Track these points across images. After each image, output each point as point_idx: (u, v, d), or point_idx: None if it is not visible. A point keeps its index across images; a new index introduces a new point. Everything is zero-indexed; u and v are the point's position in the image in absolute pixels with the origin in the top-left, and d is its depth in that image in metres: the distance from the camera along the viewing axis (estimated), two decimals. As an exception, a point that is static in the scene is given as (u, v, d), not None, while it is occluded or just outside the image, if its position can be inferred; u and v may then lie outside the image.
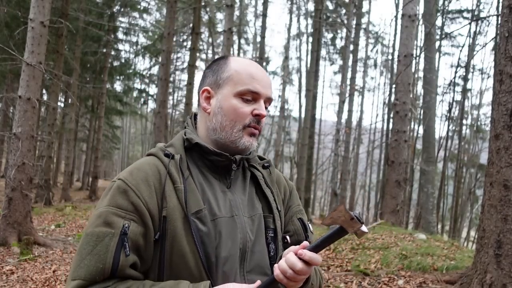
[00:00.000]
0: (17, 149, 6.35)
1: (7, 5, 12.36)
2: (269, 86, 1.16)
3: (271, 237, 1.14)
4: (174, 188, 1.04)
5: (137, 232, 0.98)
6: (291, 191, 1.31)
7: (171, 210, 1.01)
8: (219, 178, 1.13)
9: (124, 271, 0.96)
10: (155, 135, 11.08)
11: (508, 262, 3.44)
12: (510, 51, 3.53)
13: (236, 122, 1.10)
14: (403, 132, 8.76)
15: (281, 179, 1.31)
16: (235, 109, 1.11)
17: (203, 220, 1.03)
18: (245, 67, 1.15)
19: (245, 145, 1.11)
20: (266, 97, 1.15)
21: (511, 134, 3.50)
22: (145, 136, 36.47)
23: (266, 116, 1.15)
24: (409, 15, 8.72)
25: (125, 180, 1.03)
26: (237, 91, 1.11)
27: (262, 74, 1.16)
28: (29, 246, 6.21)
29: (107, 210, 0.99)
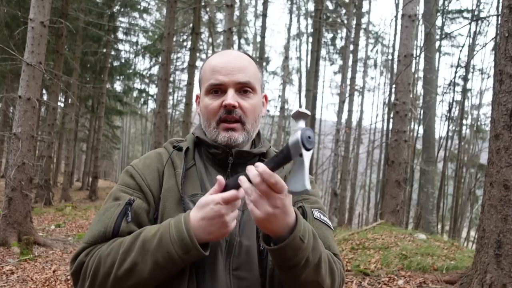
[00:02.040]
0: (17, 149, 6.35)
1: (7, 5, 12.36)
2: (238, 70, 1.08)
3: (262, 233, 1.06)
4: (174, 173, 1.09)
5: (141, 206, 1.04)
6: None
7: (165, 191, 1.06)
8: (221, 170, 1.12)
9: (124, 236, 0.99)
10: (155, 135, 11.08)
11: (508, 262, 3.44)
12: (510, 51, 3.53)
13: (210, 120, 1.10)
14: (403, 132, 8.76)
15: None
16: (205, 107, 1.10)
17: (195, 202, 1.03)
18: (209, 62, 1.13)
19: (223, 141, 1.07)
20: (234, 83, 1.08)
21: (511, 134, 3.50)
22: (145, 136, 36.45)
23: (234, 103, 1.07)
24: (409, 15, 8.72)
25: (133, 165, 1.14)
26: (204, 90, 1.11)
27: (227, 60, 1.10)
28: (29, 246, 6.21)
29: (116, 189, 1.10)
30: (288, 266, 0.90)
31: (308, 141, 0.76)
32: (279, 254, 0.89)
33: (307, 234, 0.90)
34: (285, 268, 0.91)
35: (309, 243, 0.90)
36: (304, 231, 0.89)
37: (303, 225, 0.90)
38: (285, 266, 0.91)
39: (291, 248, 0.87)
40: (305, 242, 0.88)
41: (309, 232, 0.91)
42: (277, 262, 0.92)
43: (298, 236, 0.87)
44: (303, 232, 0.89)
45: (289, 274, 0.93)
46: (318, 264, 0.93)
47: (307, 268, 0.92)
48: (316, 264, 0.93)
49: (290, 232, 0.88)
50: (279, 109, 25.86)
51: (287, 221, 0.87)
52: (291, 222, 0.87)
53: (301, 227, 0.88)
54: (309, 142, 0.76)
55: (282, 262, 0.90)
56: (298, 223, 0.88)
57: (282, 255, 0.89)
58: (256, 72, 1.14)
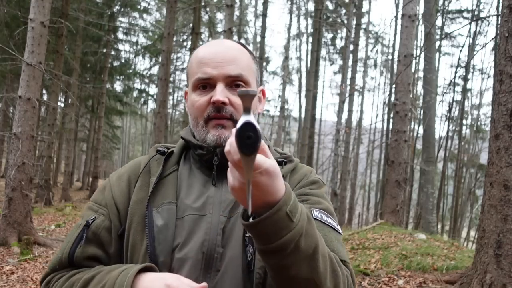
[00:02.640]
0: (17, 149, 6.35)
1: (7, 5, 12.36)
2: (228, 61, 0.95)
3: (249, 238, 0.89)
4: (149, 182, 0.99)
5: (100, 226, 0.96)
6: (306, 183, 1.03)
7: (134, 204, 0.97)
8: (207, 173, 1.00)
9: (81, 262, 0.94)
10: (155, 135, 11.08)
11: (508, 262, 3.44)
12: (510, 51, 3.53)
13: (198, 118, 0.98)
14: (403, 132, 8.77)
15: (300, 176, 1.05)
16: (193, 104, 0.98)
17: (162, 214, 0.93)
18: (196, 53, 1.01)
19: (213, 140, 0.94)
20: (223, 76, 0.95)
21: (511, 134, 3.50)
22: (145, 136, 36.47)
23: (224, 100, 0.93)
24: (409, 15, 8.72)
25: (110, 177, 1.07)
26: (192, 85, 0.99)
27: (215, 50, 0.98)
28: (29, 246, 6.21)
29: (87, 205, 1.04)
30: (272, 250, 0.71)
31: (246, 144, 0.59)
32: (258, 231, 0.70)
33: (298, 213, 0.72)
34: (269, 255, 0.73)
35: (300, 225, 0.71)
36: (293, 207, 0.71)
37: (294, 201, 0.72)
38: (268, 252, 0.72)
39: (273, 223, 0.69)
40: (293, 220, 0.70)
41: (302, 213, 0.73)
42: (258, 245, 0.73)
43: (284, 211, 0.69)
44: (292, 208, 0.70)
45: (276, 265, 0.74)
46: (312, 255, 0.74)
47: (298, 257, 0.73)
48: (310, 254, 0.74)
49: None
50: (279, 109, 25.88)
51: (265, 199, 0.69)
52: (271, 200, 0.69)
53: (289, 201, 0.70)
54: (246, 146, 0.59)
55: (264, 243, 0.71)
56: (285, 196, 0.70)
57: (262, 232, 0.70)
58: (250, 63, 1.01)
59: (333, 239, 0.92)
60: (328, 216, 0.96)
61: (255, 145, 0.59)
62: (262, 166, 0.64)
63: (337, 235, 0.95)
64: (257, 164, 0.64)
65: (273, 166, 0.66)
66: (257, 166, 0.64)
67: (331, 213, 0.97)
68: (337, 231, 0.95)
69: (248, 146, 0.59)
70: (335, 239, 0.92)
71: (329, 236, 0.91)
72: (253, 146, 0.59)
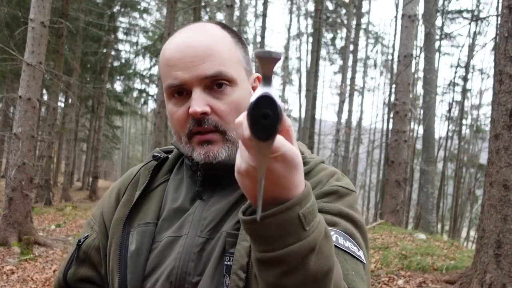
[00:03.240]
0: (17, 149, 6.36)
1: (8, 5, 12.37)
2: (201, 58, 0.75)
3: (227, 267, 0.72)
4: (134, 196, 0.87)
5: (91, 245, 0.89)
6: (318, 195, 0.77)
7: (114, 224, 0.85)
8: (193, 186, 0.85)
9: (74, 284, 0.89)
10: (155, 135, 11.09)
11: (508, 262, 3.44)
12: (510, 51, 3.54)
13: (179, 133, 0.81)
14: (403, 132, 8.77)
15: (312, 184, 0.78)
16: (171, 116, 0.81)
17: (136, 237, 0.81)
18: (162, 53, 0.81)
19: (200, 159, 0.77)
20: (198, 79, 0.75)
21: (510, 134, 3.51)
22: (145, 136, 36.46)
23: (203, 109, 0.75)
24: (409, 15, 8.73)
25: (109, 188, 0.99)
26: (165, 92, 0.81)
27: (183, 46, 0.77)
28: (29, 246, 6.22)
29: (87, 219, 0.96)
30: (271, 261, 0.54)
31: (261, 126, 0.43)
32: (258, 231, 0.53)
33: (314, 222, 0.54)
34: (267, 267, 0.55)
35: (314, 237, 0.54)
36: (309, 212, 0.54)
37: (311, 206, 0.54)
38: (267, 262, 0.54)
39: (279, 224, 0.52)
40: (306, 228, 0.53)
41: (320, 224, 0.55)
42: (256, 251, 0.55)
43: (296, 212, 0.52)
44: (307, 213, 0.53)
45: (272, 284, 0.55)
46: (323, 281, 0.55)
47: (302, 279, 0.54)
48: (319, 280, 0.54)
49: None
50: (279, 109, 25.80)
51: (275, 194, 0.52)
52: (283, 196, 0.52)
53: (305, 203, 0.53)
54: (262, 128, 0.43)
55: (263, 249, 0.54)
56: (302, 195, 0.53)
57: (262, 233, 0.53)
58: (233, 52, 0.79)
59: (349, 270, 0.67)
60: (347, 239, 0.71)
61: (273, 127, 0.43)
62: (279, 150, 0.49)
63: (357, 265, 0.69)
64: (273, 145, 0.48)
65: (293, 153, 0.51)
66: (272, 149, 0.48)
67: (351, 235, 0.72)
68: (357, 259, 0.70)
69: (263, 128, 0.43)
70: (353, 271, 0.68)
71: (345, 265, 0.67)
72: (270, 129, 0.43)
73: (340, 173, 0.85)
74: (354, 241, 0.72)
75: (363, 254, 0.72)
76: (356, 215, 0.75)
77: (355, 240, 0.72)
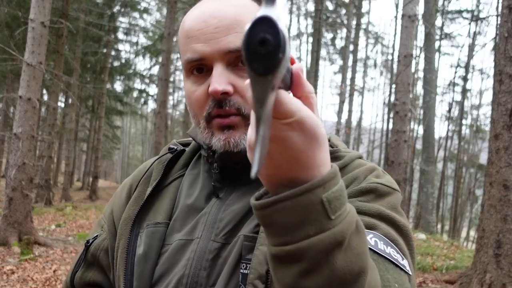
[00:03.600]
0: (17, 149, 6.36)
1: (8, 6, 12.37)
2: (225, 28, 0.65)
3: (243, 276, 0.62)
4: (145, 193, 0.79)
5: (99, 247, 0.81)
6: (353, 193, 0.66)
7: (123, 224, 0.77)
8: (210, 180, 0.76)
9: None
10: (155, 135, 11.09)
11: (508, 262, 3.45)
12: (510, 51, 3.54)
13: (198, 116, 0.71)
14: (403, 132, 8.78)
15: (347, 181, 0.68)
16: (189, 97, 0.71)
17: (145, 239, 0.73)
18: (182, 24, 0.72)
19: (219, 146, 0.67)
20: (221, 53, 0.65)
21: (510, 134, 3.51)
22: (145, 136, 36.48)
23: (224, 88, 0.64)
24: (409, 15, 8.73)
25: (121, 184, 0.90)
26: (184, 69, 0.71)
27: (206, 16, 0.67)
28: (29, 246, 6.22)
29: (99, 218, 0.89)
30: (287, 256, 0.44)
31: (258, 54, 0.33)
32: (271, 219, 0.43)
33: (342, 211, 0.44)
34: (283, 264, 0.45)
35: (341, 229, 0.43)
36: (336, 198, 0.43)
37: (339, 191, 0.44)
38: (282, 258, 0.44)
39: (297, 209, 0.42)
40: (331, 217, 0.43)
41: (350, 215, 0.45)
42: (270, 245, 0.45)
43: (319, 196, 0.42)
44: (333, 199, 0.43)
45: (290, 286, 0.45)
46: (353, 282, 0.44)
47: (327, 281, 0.43)
48: (348, 283, 0.44)
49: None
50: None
51: (292, 173, 0.42)
52: (302, 176, 0.42)
53: (330, 186, 0.43)
54: (258, 57, 0.33)
55: (277, 241, 0.44)
56: (326, 176, 0.43)
57: (276, 221, 0.43)
58: None
59: (391, 282, 0.55)
60: (388, 244, 0.58)
61: (273, 56, 0.33)
62: (295, 115, 0.39)
63: (401, 276, 0.57)
64: (287, 108, 0.39)
65: (314, 121, 0.41)
66: (285, 111, 0.39)
67: (393, 240, 0.60)
68: (401, 268, 0.57)
69: (260, 58, 0.33)
70: (395, 283, 0.55)
71: (386, 276, 0.55)
72: (269, 58, 0.33)
73: (381, 169, 0.73)
74: (397, 248, 0.59)
75: (408, 264, 0.59)
76: (400, 218, 0.63)
77: (398, 247, 0.59)
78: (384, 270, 0.55)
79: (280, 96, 0.38)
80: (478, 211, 16.20)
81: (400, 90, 8.82)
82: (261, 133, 0.36)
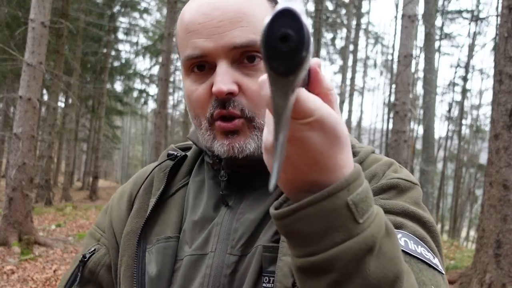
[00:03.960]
0: (17, 149, 6.36)
1: (8, 6, 12.37)
2: (229, 22, 0.59)
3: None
4: (147, 204, 0.73)
5: (99, 262, 0.73)
6: (375, 190, 0.62)
7: (125, 238, 0.70)
8: (217, 189, 0.70)
9: None
10: (155, 135, 11.10)
11: (508, 262, 3.45)
12: (510, 51, 3.55)
13: (199, 118, 0.65)
14: (403, 132, 8.78)
15: (366, 178, 0.63)
16: (189, 97, 0.65)
17: (156, 257, 0.66)
18: (181, 17, 0.65)
19: (222, 152, 0.62)
20: (225, 50, 0.59)
21: (510, 134, 3.52)
22: (145, 136, 36.49)
23: (228, 88, 0.59)
24: (409, 15, 8.74)
25: (116, 192, 0.81)
26: (183, 67, 0.65)
27: (208, 8, 0.61)
28: (29, 245, 6.23)
29: (89, 230, 0.80)
30: (314, 267, 0.40)
31: (279, 52, 0.29)
32: (294, 229, 0.40)
33: (369, 214, 0.41)
34: (310, 277, 0.41)
35: (371, 232, 0.40)
36: (362, 200, 0.40)
37: (364, 191, 0.41)
38: (309, 270, 0.41)
39: (322, 216, 0.39)
40: (359, 221, 0.39)
41: (378, 217, 0.42)
42: (294, 256, 0.42)
43: (344, 200, 0.39)
44: (359, 201, 0.40)
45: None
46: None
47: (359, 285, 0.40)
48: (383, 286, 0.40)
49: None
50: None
51: (313, 177, 0.40)
52: (324, 179, 0.40)
53: (355, 188, 0.40)
54: (279, 55, 0.29)
55: (302, 252, 0.41)
56: (350, 177, 0.40)
57: (300, 231, 0.40)
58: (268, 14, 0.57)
59: (427, 284, 0.52)
60: (419, 244, 0.55)
61: (296, 54, 0.29)
62: (314, 114, 0.36)
63: (435, 276, 0.54)
64: (305, 107, 0.35)
65: (335, 120, 0.38)
66: (304, 110, 0.35)
67: (422, 238, 0.57)
68: (434, 268, 0.54)
69: (282, 56, 0.29)
70: (432, 285, 0.52)
71: (421, 278, 0.52)
72: (292, 56, 0.29)
73: (397, 163, 0.68)
74: (427, 246, 0.56)
75: (439, 262, 0.56)
76: (424, 214, 0.60)
77: (428, 245, 0.56)
78: (418, 272, 0.52)
79: (298, 94, 0.34)
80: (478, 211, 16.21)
81: (400, 90, 8.83)
82: (281, 140, 0.33)
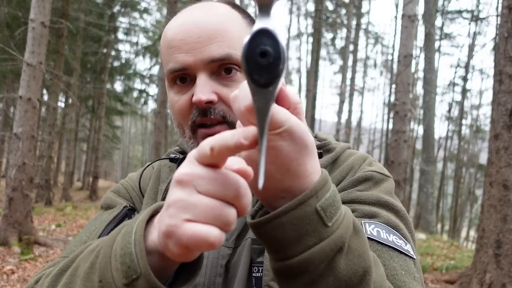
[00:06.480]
0: (17, 149, 6.36)
1: (8, 6, 12.37)
2: (207, 38, 0.66)
3: (257, 279, 0.63)
4: (157, 191, 0.78)
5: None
6: (350, 182, 0.68)
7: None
8: None
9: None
10: (155, 135, 11.10)
11: (508, 262, 3.45)
12: (510, 51, 3.55)
13: (182, 126, 0.71)
14: (403, 132, 8.78)
15: (343, 171, 0.72)
16: (172, 106, 0.71)
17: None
18: (164, 34, 0.72)
19: None
20: (204, 63, 0.66)
21: (510, 134, 3.52)
22: (145, 136, 36.48)
23: (208, 98, 0.65)
24: (409, 15, 8.74)
25: (108, 191, 0.86)
26: (166, 79, 0.72)
27: (187, 27, 0.67)
28: (29, 245, 6.23)
29: (106, 196, 0.82)
30: (290, 270, 0.44)
31: (259, 66, 0.35)
32: (270, 236, 0.44)
33: (337, 216, 0.44)
34: (287, 279, 0.46)
35: (339, 233, 0.44)
36: (329, 204, 0.44)
37: (331, 196, 0.45)
38: (286, 273, 0.45)
39: (294, 223, 0.43)
40: (327, 224, 0.43)
41: (346, 218, 0.46)
42: (272, 260, 0.46)
43: (313, 206, 0.43)
44: (327, 206, 0.44)
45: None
46: (359, 284, 0.45)
47: (333, 286, 0.44)
48: (354, 284, 0.45)
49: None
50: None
51: (285, 183, 0.43)
52: (294, 185, 0.44)
53: (323, 193, 0.44)
54: (260, 69, 0.35)
55: (279, 257, 0.45)
56: (318, 184, 0.44)
57: (275, 237, 0.44)
58: (243, 34, 0.69)
59: (397, 269, 0.57)
60: (391, 232, 0.60)
61: (275, 67, 0.34)
62: (284, 124, 0.40)
63: (406, 262, 0.59)
64: (276, 119, 0.39)
65: (302, 130, 0.42)
66: (275, 122, 0.39)
67: (395, 227, 0.62)
68: (406, 254, 0.59)
69: (262, 70, 0.34)
70: (402, 270, 0.57)
71: (392, 264, 0.57)
72: (271, 70, 0.34)
73: (371, 157, 0.77)
74: (399, 234, 0.61)
75: (411, 247, 0.61)
76: (397, 203, 0.66)
77: (400, 232, 0.62)
78: (390, 259, 0.58)
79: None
80: (478, 211, 16.21)
81: (400, 90, 8.82)
82: (264, 144, 0.37)
